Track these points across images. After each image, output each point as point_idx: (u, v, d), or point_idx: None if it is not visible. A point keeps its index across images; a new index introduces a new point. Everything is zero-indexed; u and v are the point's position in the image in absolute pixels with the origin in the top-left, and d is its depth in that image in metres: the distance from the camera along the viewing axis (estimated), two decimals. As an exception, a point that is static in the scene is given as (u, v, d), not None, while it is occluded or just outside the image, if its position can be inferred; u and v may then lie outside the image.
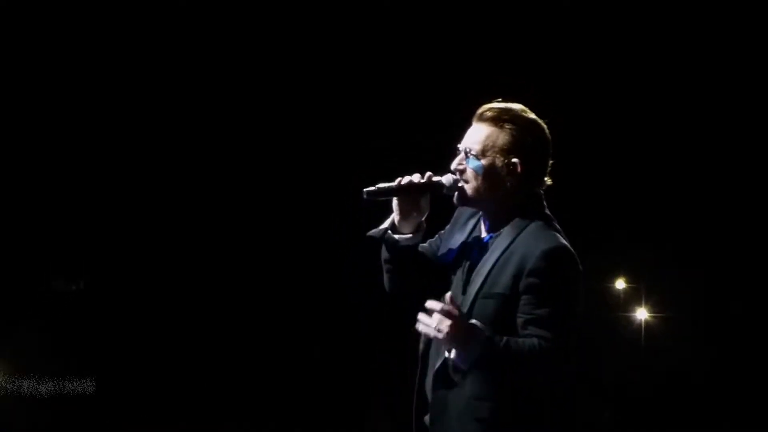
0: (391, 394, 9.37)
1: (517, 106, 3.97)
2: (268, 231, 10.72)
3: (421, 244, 4.11)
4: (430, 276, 4.04)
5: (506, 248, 3.86)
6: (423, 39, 10.11)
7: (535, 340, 3.71)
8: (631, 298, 10.61)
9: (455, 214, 4.16)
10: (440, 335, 3.72)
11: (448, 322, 3.69)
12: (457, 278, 3.98)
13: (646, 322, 10.54)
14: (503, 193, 3.91)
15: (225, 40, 10.18)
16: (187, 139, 10.42)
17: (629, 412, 10.13)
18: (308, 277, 10.63)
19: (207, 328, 10.62)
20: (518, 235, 3.88)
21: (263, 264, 10.69)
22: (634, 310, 10.66)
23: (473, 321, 3.76)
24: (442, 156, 4.08)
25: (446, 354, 3.81)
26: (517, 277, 3.79)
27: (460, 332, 3.70)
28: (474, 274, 3.91)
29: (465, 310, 3.83)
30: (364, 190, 3.96)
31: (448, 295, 3.77)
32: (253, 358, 10.56)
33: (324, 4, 10.02)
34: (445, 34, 10.11)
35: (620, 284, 10.85)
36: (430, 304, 3.76)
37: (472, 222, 4.07)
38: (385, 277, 4.11)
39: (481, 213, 4.04)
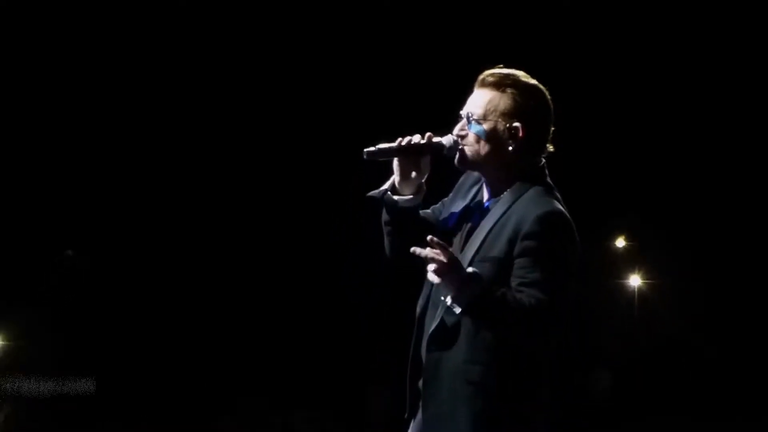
0: (391, 393, 9.38)
1: (519, 72, 3.99)
2: (268, 229, 10.71)
3: (423, 210, 4.11)
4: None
5: (504, 213, 3.88)
6: (425, 39, 10.12)
7: (533, 300, 3.72)
8: (627, 262, 10.62)
9: (459, 182, 4.17)
10: (435, 277, 3.73)
11: (435, 265, 3.70)
12: (457, 242, 3.98)
13: (640, 288, 10.57)
14: (505, 158, 3.92)
15: (225, 40, 10.19)
16: (189, 138, 10.41)
17: (626, 379, 10.17)
18: (308, 276, 10.63)
19: (207, 326, 10.61)
20: (516, 200, 3.89)
21: (263, 263, 10.67)
22: (627, 277, 10.67)
23: (470, 267, 3.77)
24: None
25: (443, 298, 3.80)
26: (512, 241, 3.80)
27: (453, 271, 3.70)
28: (472, 237, 3.92)
29: None
30: (365, 150, 3.96)
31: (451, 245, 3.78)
32: (253, 356, 10.55)
33: (324, 3, 10.04)
34: (447, 34, 10.12)
35: (620, 243, 10.82)
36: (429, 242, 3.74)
37: (474, 189, 4.08)
38: (386, 240, 4.10)
39: (483, 180, 4.04)
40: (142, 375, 10.34)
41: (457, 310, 3.73)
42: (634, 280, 10.85)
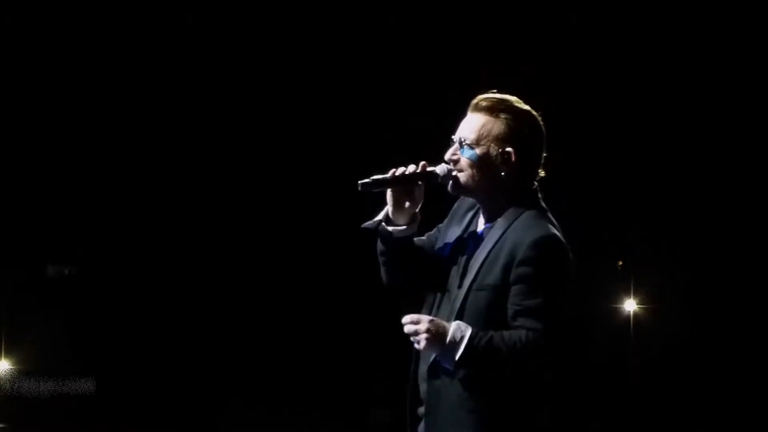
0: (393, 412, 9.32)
1: (512, 97, 3.97)
2: (272, 226, 10.60)
3: (419, 237, 4.10)
4: (428, 268, 4.03)
5: (498, 239, 3.85)
6: (435, 35, 10.06)
7: (522, 332, 3.70)
8: (622, 286, 10.60)
9: (453, 207, 4.15)
10: (417, 346, 3.78)
11: (422, 333, 3.74)
12: (454, 271, 3.96)
13: (635, 313, 10.55)
14: (497, 183, 3.90)
15: (225, 35, 10.10)
16: (187, 133, 10.29)
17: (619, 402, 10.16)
18: (313, 275, 10.52)
19: (210, 335, 10.53)
20: (510, 225, 3.86)
21: (264, 263, 10.57)
22: (622, 301, 10.65)
23: (454, 323, 3.76)
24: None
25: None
26: (507, 267, 3.77)
27: (434, 339, 3.72)
28: (469, 266, 3.89)
29: (459, 302, 3.83)
30: (359, 182, 3.94)
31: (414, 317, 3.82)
32: (252, 356, 10.47)
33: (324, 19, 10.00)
34: (460, 29, 10.06)
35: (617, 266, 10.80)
36: (403, 320, 3.81)
37: (469, 215, 4.06)
38: (382, 269, 4.10)
39: (478, 205, 4.02)
40: (142, 376, 10.26)
41: (448, 366, 3.76)
42: (629, 305, 10.81)
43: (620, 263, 10.61)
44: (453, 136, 3.97)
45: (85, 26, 9.93)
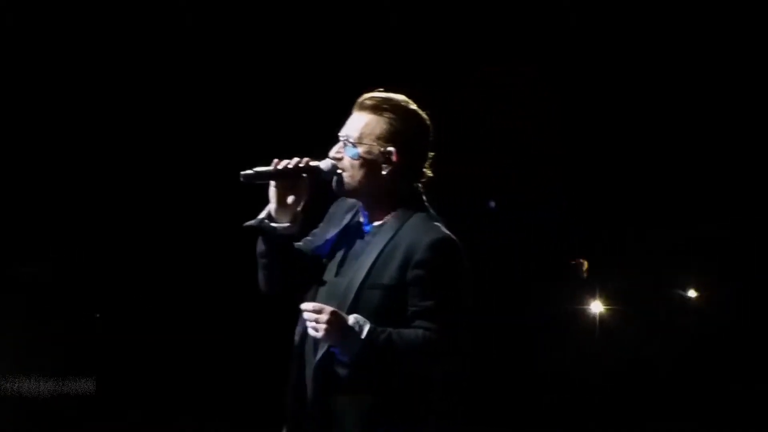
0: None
1: (399, 96, 3.91)
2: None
3: (297, 243, 4.01)
4: (307, 273, 3.95)
5: (390, 239, 3.80)
6: (435, 35, 9.98)
7: (420, 331, 3.67)
8: (589, 288, 10.53)
9: (330, 211, 4.09)
10: (317, 334, 3.70)
11: (322, 323, 3.67)
12: (333, 267, 3.91)
13: (601, 315, 10.51)
14: (380, 183, 3.84)
15: (222, 35, 10.07)
16: (183, 133, 10.25)
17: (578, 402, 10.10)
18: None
19: (193, 326, 10.51)
20: (402, 226, 3.81)
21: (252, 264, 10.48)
22: (588, 303, 10.59)
23: (352, 316, 3.70)
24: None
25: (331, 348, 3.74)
26: (403, 268, 3.72)
27: (335, 330, 3.66)
28: (357, 263, 3.83)
29: (349, 300, 3.76)
30: (241, 173, 3.87)
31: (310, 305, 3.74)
32: (238, 357, 10.44)
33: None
34: (460, 29, 9.98)
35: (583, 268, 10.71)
36: (304, 306, 3.74)
37: (348, 216, 4.00)
38: (260, 274, 3.99)
39: (358, 206, 3.96)
40: (141, 377, 10.26)
41: (345, 359, 3.70)
42: (596, 306, 10.74)
43: (579, 263, 10.55)
44: (339, 134, 3.93)
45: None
